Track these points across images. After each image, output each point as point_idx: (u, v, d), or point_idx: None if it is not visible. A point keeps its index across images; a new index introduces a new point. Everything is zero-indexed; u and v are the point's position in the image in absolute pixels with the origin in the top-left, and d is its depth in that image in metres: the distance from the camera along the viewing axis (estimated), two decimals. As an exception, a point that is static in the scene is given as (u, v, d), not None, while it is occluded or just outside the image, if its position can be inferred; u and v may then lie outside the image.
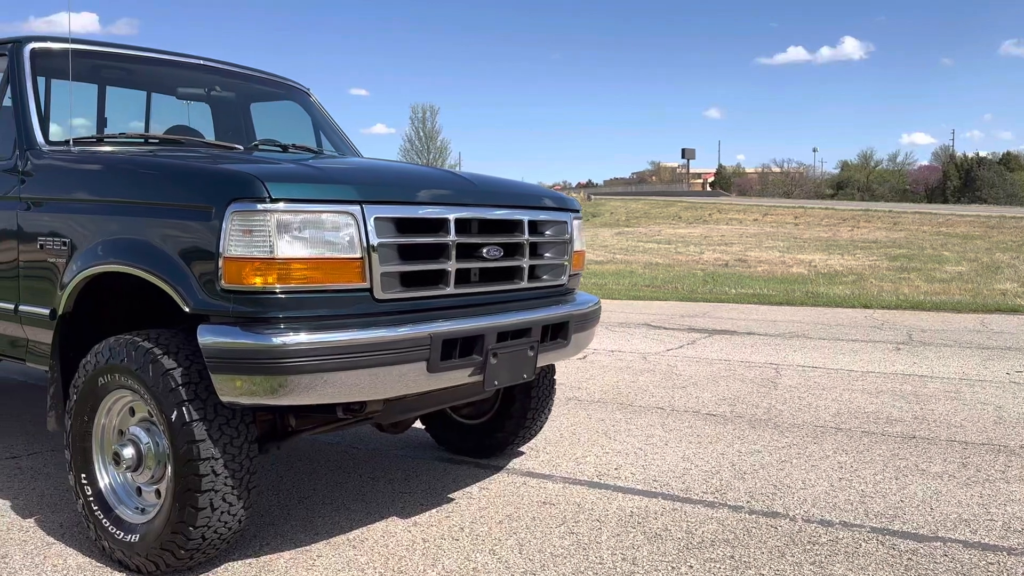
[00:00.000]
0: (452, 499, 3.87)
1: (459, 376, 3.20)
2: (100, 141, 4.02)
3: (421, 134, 67.71)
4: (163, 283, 2.93)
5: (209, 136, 4.76)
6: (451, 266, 3.19)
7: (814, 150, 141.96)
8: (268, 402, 2.85)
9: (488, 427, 4.45)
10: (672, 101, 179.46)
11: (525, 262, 3.52)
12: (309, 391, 2.81)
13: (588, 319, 3.88)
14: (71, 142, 3.66)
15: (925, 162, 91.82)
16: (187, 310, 2.88)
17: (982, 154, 75.10)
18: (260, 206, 2.78)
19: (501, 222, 3.44)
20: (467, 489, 4.02)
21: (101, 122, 4.70)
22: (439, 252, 3.18)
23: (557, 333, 3.64)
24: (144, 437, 3.09)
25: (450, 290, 3.21)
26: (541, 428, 4.54)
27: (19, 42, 3.88)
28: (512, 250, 3.48)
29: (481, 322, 3.23)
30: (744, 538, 3.38)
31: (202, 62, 4.65)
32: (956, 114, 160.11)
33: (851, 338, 9.10)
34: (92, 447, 3.23)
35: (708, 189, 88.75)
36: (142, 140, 4.11)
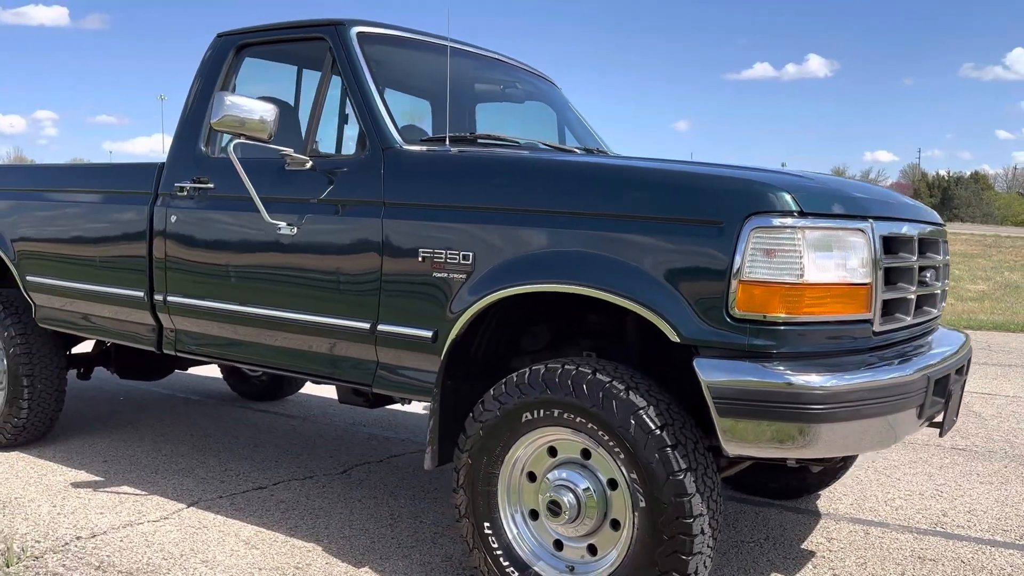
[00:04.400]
0: (812, 552, 3.47)
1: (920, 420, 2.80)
2: (474, 141, 3.53)
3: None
4: (639, 307, 2.50)
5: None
6: (913, 292, 2.81)
7: (783, 164, 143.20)
8: (780, 454, 2.44)
9: (801, 467, 4.04)
10: (640, 113, 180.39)
11: (940, 287, 3.15)
12: (826, 441, 2.39)
13: None
14: (447, 141, 3.21)
15: (893, 179, 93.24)
16: (675, 339, 2.45)
17: (951, 173, 76.22)
18: (782, 221, 2.37)
19: (931, 242, 3.06)
20: (811, 539, 3.61)
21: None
22: (906, 275, 2.79)
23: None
24: (581, 482, 2.65)
25: (909, 320, 2.81)
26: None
27: (341, 24, 3.41)
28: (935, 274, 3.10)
29: (943, 357, 2.84)
30: None
31: (497, 56, 4.20)
32: (918, 133, 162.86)
33: (980, 362, 8.83)
34: (498, 491, 2.78)
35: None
36: (499, 142, 3.61)
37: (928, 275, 2.94)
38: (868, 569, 3.29)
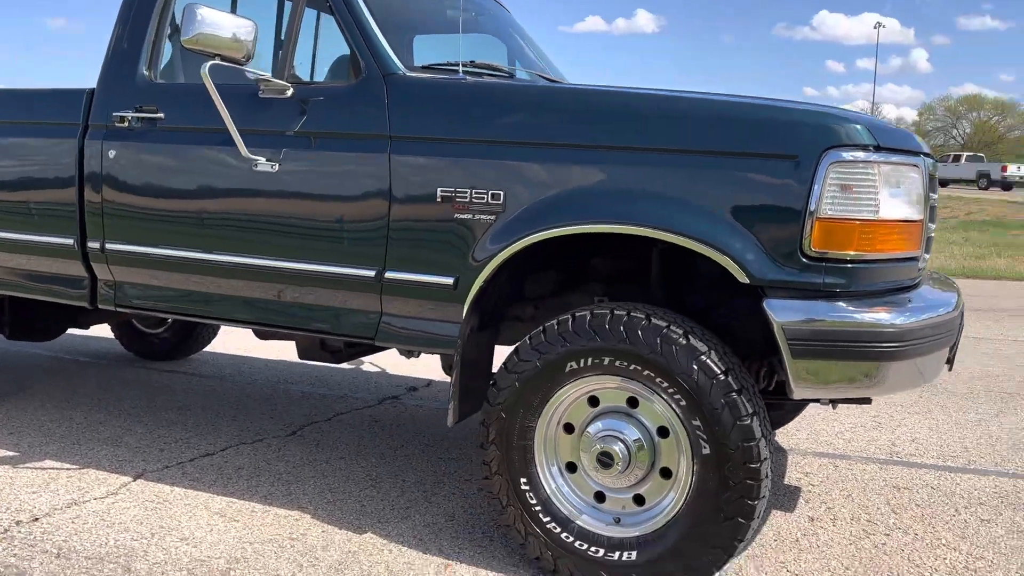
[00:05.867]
0: (797, 487, 3.53)
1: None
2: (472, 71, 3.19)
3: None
4: (706, 247, 2.38)
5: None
6: (934, 230, 2.85)
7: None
8: (848, 394, 2.43)
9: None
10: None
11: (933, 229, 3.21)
12: (892, 380, 2.39)
13: None
14: (460, 70, 2.92)
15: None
16: (744, 281, 2.36)
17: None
18: (856, 155, 2.31)
19: (934, 178, 3.09)
20: (791, 475, 3.68)
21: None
22: (933, 213, 2.81)
23: None
24: (630, 431, 2.53)
25: (928, 257, 2.86)
26: (804, 404, 4.26)
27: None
28: (931, 213, 3.15)
29: (959, 295, 2.90)
30: None
31: None
32: (737, 89, 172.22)
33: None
34: (534, 445, 2.62)
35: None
36: (494, 72, 3.30)
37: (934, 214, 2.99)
38: (855, 500, 3.39)
